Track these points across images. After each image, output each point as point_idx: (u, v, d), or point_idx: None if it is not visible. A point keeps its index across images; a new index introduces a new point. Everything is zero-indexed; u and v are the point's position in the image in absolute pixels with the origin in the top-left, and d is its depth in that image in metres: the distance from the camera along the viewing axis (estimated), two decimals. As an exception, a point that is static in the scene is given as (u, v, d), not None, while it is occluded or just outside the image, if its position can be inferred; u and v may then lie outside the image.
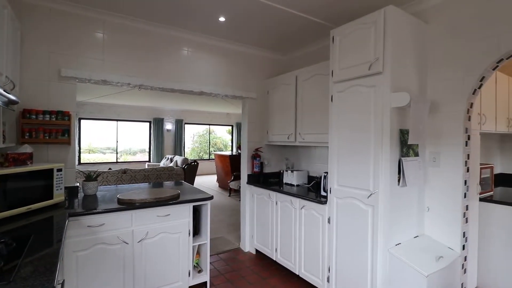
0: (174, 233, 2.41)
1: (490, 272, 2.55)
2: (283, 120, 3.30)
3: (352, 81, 2.22)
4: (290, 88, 3.20)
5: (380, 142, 2.02)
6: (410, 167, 2.10)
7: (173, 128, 10.36)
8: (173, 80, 2.97)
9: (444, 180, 2.21)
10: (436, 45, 2.26)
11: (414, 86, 2.20)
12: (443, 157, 2.21)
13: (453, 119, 2.16)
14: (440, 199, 2.23)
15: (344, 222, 2.26)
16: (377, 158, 2.03)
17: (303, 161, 3.51)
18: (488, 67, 2.02)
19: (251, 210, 3.45)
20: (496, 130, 2.97)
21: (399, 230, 2.10)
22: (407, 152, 2.12)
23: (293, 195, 2.78)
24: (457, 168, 2.14)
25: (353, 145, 2.20)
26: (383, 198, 2.00)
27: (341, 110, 2.32)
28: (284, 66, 3.80)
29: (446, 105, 2.20)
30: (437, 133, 2.25)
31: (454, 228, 2.16)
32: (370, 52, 2.08)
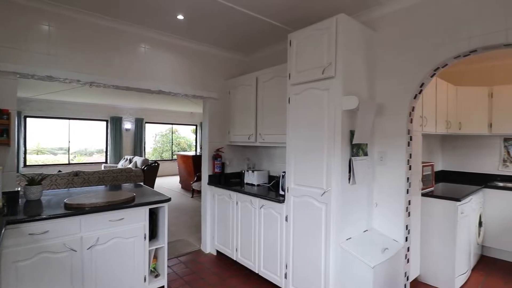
0: (128, 238, 2.31)
1: (431, 261, 2.82)
2: (244, 120, 3.32)
3: (308, 84, 2.31)
4: (251, 89, 3.23)
5: (332, 143, 2.13)
6: (359, 166, 2.24)
7: (132, 128, 9.90)
8: (129, 78, 2.84)
9: (390, 177, 2.39)
10: (383, 53, 2.44)
11: (364, 90, 2.35)
12: (389, 156, 2.39)
13: (397, 122, 2.35)
14: (386, 195, 2.41)
15: (300, 219, 2.35)
16: (330, 157, 2.14)
17: (264, 161, 3.57)
18: (427, 75, 2.22)
19: (212, 211, 3.43)
20: (437, 132, 3.28)
21: (350, 225, 2.23)
22: (357, 152, 2.26)
23: (253, 195, 2.82)
24: (401, 166, 2.33)
25: (309, 145, 2.29)
26: (335, 196, 2.11)
27: (297, 111, 2.40)
28: (246, 67, 3.83)
29: (391, 108, 2.39)
30: (384, 134, 2.42)
31: (398, 221, 2.34)
32: (324, 57, 2.18)
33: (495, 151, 3.93)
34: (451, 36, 2.07)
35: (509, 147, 3.84)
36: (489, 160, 3.96)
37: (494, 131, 3.69)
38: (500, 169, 3.89)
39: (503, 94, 3.61)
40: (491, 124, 3.70)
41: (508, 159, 3.85)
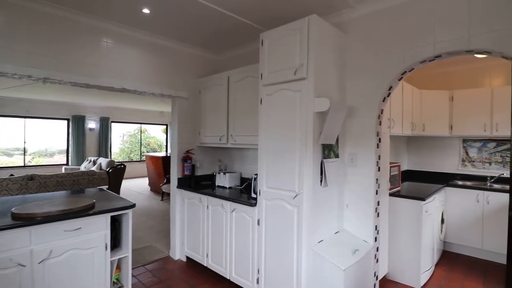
0: (87, 249, 2.12)
1: (398, 259, 2.90)
2: (216, 121, 3.22)
3: (280, 85, 2.27)
4: (222, 89, 3.14)
5: (304, 145, 2.10)
6: (331, 168, 2.23)
7: (97, 127, 9.33)
8: (89, 74, 2.62)
9: (360, 179, 2.41)
10: (353, 56, 2.46)
11: (335, 92, 2.36)
12: (359, 158, 2.42)
13: (367, 124, 2.38)
14: (357, 196, 2.43)
15: (273, 223, 2.30)
16: (302, 160, 2.10)
17: (236, 163, 3.49)
18: (395, 78, 2.27)
19: (181, 216, 3.29)
20: (403, 133, 3.40)
21: (322, 228, 2.22)
22: (329, 154, 2.25)
23: (224, 199, 2.72)
24: (370, 168, 2.36)
25: (281, 147, 2.25)
26: (307, 199, 2.08)
27: (269, 113, 2.34)
28: (218, 66, 3.71)
29: (361, 110, 2.41)
30: (354, 136, 2.45)
31: (368, 222, 2.37)
32: (296, 57, 2.15)
33: (455, 151, 4.16)
34: (417, 41, 2.12)
35: (467, 148, 4.09)
36: (450, 160, 4.20)
37: (454, 133, 3.91)
38: (459, 168, 4.13)
39: (462, 97, 3.84)
40: (451, 126, 3.92)
41: (466, 159, 4.09)
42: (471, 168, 4.05)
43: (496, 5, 1.81)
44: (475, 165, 4.02)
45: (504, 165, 3.81)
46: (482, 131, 3.70)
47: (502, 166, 3.83)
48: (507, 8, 1.78)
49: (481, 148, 3.99)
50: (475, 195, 3.51)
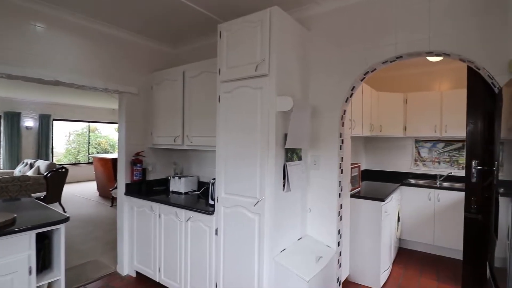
0: (4, 275, 1.72)
1: (359, 260, 2.88)
2: (170, 120, 2.92)
3: (240, 81, 2.07)
4: (177, 85, 2.85)
5: (266, 147, 1.93)
6: (294, 172, 2.10)
7: (36, 125, 8.27)
8: (12, 63, 2.18)
9: (323, 182, 2.32)
10: (317, 53, 2.36)
11: (298, 91, 2.23)
12: (322, 160, 2.32)
13: (330, 125, 2.29)
14: (320, 200, 2.33)
15: (232, 233, 2.10)
16: (264, 164, 1.94)
17: (194, 166, 3.22)
18: (357, 78, 2.20)
19: (130, 226, 2.93)
20: (363, 134, 3.42)
21: (285, 235, 2.08)
22: (292, 156, 2.11)
23: (178, 206, 2.46)
24: (333, 170, 2.27)
25: (240, 150, 2.06)
26: (269, 205, 1.92)
27: (228, 111, 2.14)
28: (174, 60, 3.40)
29: (324, 111, 2.32)
30: (317, 137, 2.35)
31: (331, 226, 2.29)
32: (257, 52, 1.97)
33: (409, 151, 4.34)
34: (379, 41, 2.08)
35: (419, 148, 4.29)
36: (403, 160, 4.37)
37: (408, 134, 4.06)
38: (412, 168, 4.32)
39: (415, 100, 4.00)
40: (405, 127, 4.07)
41: (418, 158, 4.29)
42: (422, 167, 4.25)
43: (455, 7, 1.82)
44: (426, 164, 4.23)
45: (451, 164, 4.05)
46: (433, 132, 3.89)
47: (449, 165, 4.07)
48: (465, 11, 1.79)
49: (431, 148, 4.20)
50: (427, 194, 3.67)
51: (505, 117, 1.52)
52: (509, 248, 1.12)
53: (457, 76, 3.94)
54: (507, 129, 1.53)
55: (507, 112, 1.48)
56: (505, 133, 1.53)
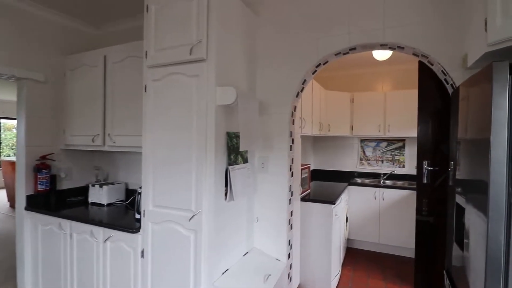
0: None
1: (309, 267, 2.69)
2: (88, 115, 2.37)
3: (171, 67, 1.68)
4: (97, 72, 2.32)
5: (204, 149, 1.57)
6: (238, 177, 1.78)
7: None
8: None
9: (272, 187, 2.05)
10: (265, 42, 2.08)
11: (244, 82, 1.92)
12: (271, 162, 2.05)
13: (279, 122, 2.03)
14: (268, 208, 2.06)
15: (162, 254, 1.69)
16: (201, 169, 1.58)
17: (121, 170, 2.70)
18: (309, 71, 1.98)
19: (34, 249, 2.30)
20: (312, 133, 3.26)
21: (228, 253, 1.75)
22: (236, 159, 1.79)
23: (94, 223, 1.95)
24: (283, 173, 2.02)
25: (172, 152, 1.66)
26: (207, 219, 1.57)
27: (157, 104, 1.73)
28: (96, 43, 2.81)
29: (273, 107, 2.05)
30: (265, 136, 2.07)
31: (280, 237, 2.03)
32: (192, 31, 1.60)
33: (355, 150, 4.37)
34: (332, 29, 1.88)
35: (364, 147, 4.34)
36: (350, 159, 4.39)
37: (354, 133, 4.06)
38: (358, 167, 4.36)
39: (361, 99, 4.01)
40: (352, 127, 4.07)
41: (363, 157, 4.34)
42: (367, 166, 4.31)
43: (410, -4, 1.69)
44: (371, 163, 4.30)
45: (393, 163, 4.17)
46: (377, 132, 3.94)
47: (392, 163, 4.18)
48: (421, 2, 1.66)
49: (375, 147, 4.28)
50: (372, 193, 3.69)
51: (462, 116, 1.41)
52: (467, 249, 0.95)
53: (399, 78, 4.06)
54: (464, 129, 1.42)
55: (464, 111, 1.36)
56: (462, 132, 1.42)
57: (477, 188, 1.07)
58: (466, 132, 1.31)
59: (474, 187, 1.11)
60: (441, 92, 1.86)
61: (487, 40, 1.21)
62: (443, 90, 1.81)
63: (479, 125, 1.09)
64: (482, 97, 1.06)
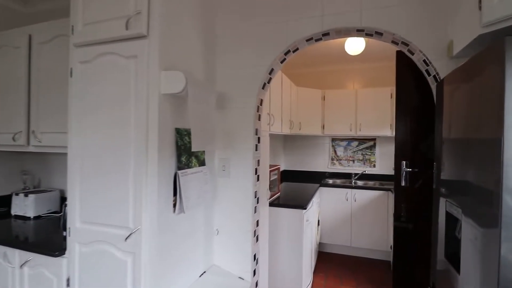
0: None
1: (279, 280, 2.45)
2: (7, 107, 1.92)
3: (104, 46, 1.33)
4: (19, 54, 1.88)
5: (144, 149, 1.24)
6: (192, 183, 1.46)
7: None
8: None
9: (234, 193, 1.76)
10: (227, 23, 1.78)
11: (199, 70, 1.61)
12: (233, 164, 1.76)
13: (243, 117, 1.74)
14: (230, 218, 1.76)
15: (92, 284, 1.34)
16: (140, 175, 1.25)
17: (55, 175, 2.26)
18: (277, 58, 1.71)
19: None
20: (282, 131, 3.02)
21: (178, 276, 1.43)
22: (188, 161, 1.47)
23: (7, 244, 1.54)
24: (248, 177, 1.73)
25: (104, 154, 1.31)
26: (149, 238, 1.24)
27: (86, 93, 1.37)
28: (24, 22, 2.33)
29: (236, 99, 1.76)
30: (227, 135, 1.77)
31: (244, 251, 1.74)
32: (129, 0, 1.27)
33: (326, 150, 4.22)
34: (303, 11, 1.62)
35: (336, 147, 4.20)
36: (322, 159, 4.22)
37: (326, 132, 3.90)
38: (329, 167, 4.20)
39: (332, 97, 3.85)
40: (323, 126, 3.89)
41: (335, 157, 4.20)
42: (338, 166, 4.17)
43: (389, -26, 1.48)
44: (342, 163, 4.16)
45: (364, 163, 4.07)
46: (349, 131, 3.80)
47: (363, 163, 4.07)
48: (400, -21, 1.46)
49: (346, 147, 4.15)
50: (344, 194, 3.54)
51: (449, 111, 1.21)
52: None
53: (370, 76, 3.96)
54: (448, 128, 1.23)
55: (453, 105, 1.17)
56: (446, 132, 1.22)
57: (479, 198, 0.86)
58: (457, 129, 1.11)
59: (473, 196, 0.90)
60: (421, 86, 1.68)
61: (482, 20, 1.02)
62: (424, 84, 1.63)
63: (479, 120, 0.88)
64: (486, 84, 0.85)
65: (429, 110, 1.62)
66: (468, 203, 0.93)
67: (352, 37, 2.76)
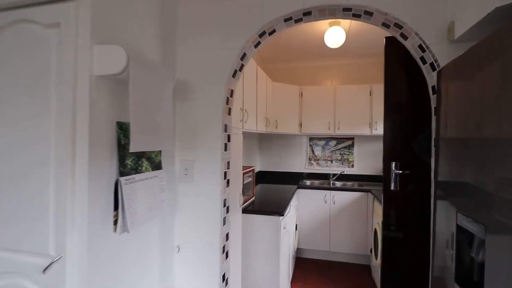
0: None
1: None
2: None
3: (16, 11, 0.99)
4: None
5: (70, 149, 0.92)
6: (141, 193, 1.15)
7: None
8: None
9: (199, 201, 1.46)
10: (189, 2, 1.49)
11: (153, 50, 1.30)
12: (197, 167, 1.46)
13: (209, 111, 1.45)
14: (194, 231, 1.47)
15: (-1, 331, 0.99)
16: (65, 183, 0.92)
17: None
18: (250, 41, 1.44)
19: None
20: (257, 130, 2.76)
21: (123, 313, 1.11)
22: (137, 164, 1.16)
23: None
24: (215, 182, 1.45)
25: (14, 155, 0.97)
26: (77, 269, 0.92)
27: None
28: None
29: (201, 89, 1.46)
30: (189, 132, 1.47)
31: (211, 271, 1.45)
32: (50, -51, 0.94)
33: (303, 150, 4.02)
34: (281, -16, 1.37)
35: (313, 146, 4.01)
36: (299, 159, 4.02)
37: (303, 131, 3.69)
38: (307, 168, 4.01)
39: (310, 94, 3.65)
40: (301, 124, 3.69)
41: (312, 157, 4.01)
42: (316, 166, 3.99)
43: None
44: (320, 163, 3.99)
45: (342, 163, 3.91)
46: (327, 130, 3.62)
47: (341, 163, 3.92)
48: (394, -51, 1.25)
49: (324, 146, 3.98)
50: (323, 196, 3.35)
51: (450, 107, 1.01)
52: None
53: (349, 72, 3.82)
54: (444, 126, 1.03)
55: (455, 101, 0.97)
56: (452, 129, 1.02)
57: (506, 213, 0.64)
58: (465, 126, 0.91)
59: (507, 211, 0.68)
60: (412, 78, 1.49)
61: (501, -11, 0.81)
62: (415, 75, 1.44)
63: (500, 114, 0.66)
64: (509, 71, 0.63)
65: (421, 105, 1.43)
66: (496, 220, 0.72)
67: (333, 27, 2.57)
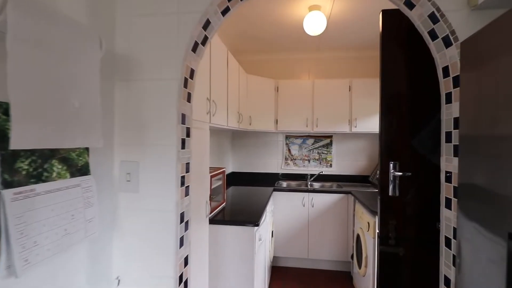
0: None
1: (222, 321, 1.85)
2: None
3: None
4: None
5: None
6: (45, 212, 0.76)
7: None
8: None
9: (146, 217, 1.09)
10: None
11: (77, 7, 0.91)
12: (144, 171, 1.09)
13: (160, 96, 1.09)
14: (139, 257, 1.10)
15: None
16: None
17: None
18: (215, 3, 1.09)
19: None
20: (228, 125, 2.41)
21: None
22: (41, 168, 0.77)
23: None
24: (167, 191, 1.08)
25: None
26: None
27: None
28: None
29: (148, 66, 1.10)
30: (132, 123, 1.10)
31: (165, 308, 1.09)
32: None
33: (279, 148, 3.74)
34: None
35: (290, 145, 3.74)
36: (275, 159, 3.74)
37: (279, 128, 3.41)
38: (283, 168, 3.74)
39: (287, 88, 3.38)
40: (277, 120, 3.40)
41: (289, 156, 3.74)
42: (293, 166, 3.73)
43: None
44: (297, 163, 3.73)
45: (320, 162, 3.68)
46: (305, 127, 3.37)
47: (319, 163, 3.69)
48: None
49: (301, 145, 3.73)
50: (301, 199, 3.08)
51: (462, 104, 0.74)
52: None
53: (328, 66, 3.59)
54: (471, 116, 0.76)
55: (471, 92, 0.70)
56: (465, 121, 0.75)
57: None
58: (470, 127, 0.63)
59: None
60: (414, 63, 1.23)
61: None
62: (417, 59, 1.17)
63: None
64: None
65: (424, 95, 1.17)
66: None
67: (313, 11, 2.29)
